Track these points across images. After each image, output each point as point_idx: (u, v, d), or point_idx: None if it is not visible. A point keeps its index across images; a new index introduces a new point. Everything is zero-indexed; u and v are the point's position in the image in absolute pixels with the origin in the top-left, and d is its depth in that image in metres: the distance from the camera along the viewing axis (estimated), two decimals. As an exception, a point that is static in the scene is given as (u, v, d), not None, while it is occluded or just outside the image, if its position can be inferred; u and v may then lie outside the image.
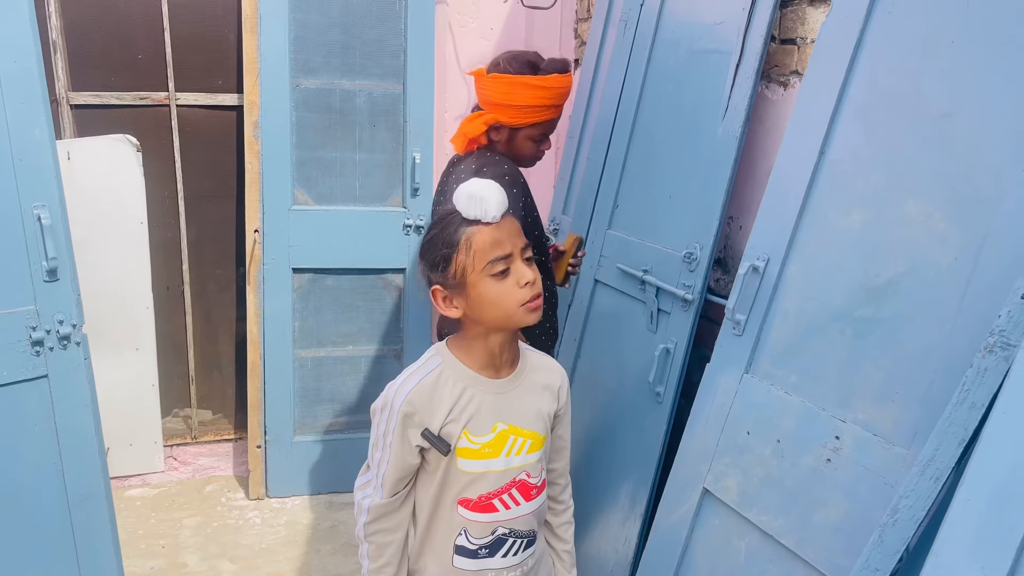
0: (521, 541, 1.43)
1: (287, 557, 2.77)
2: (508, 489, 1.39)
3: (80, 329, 1.95)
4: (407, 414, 1.33)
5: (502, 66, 1.99)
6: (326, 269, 3.06)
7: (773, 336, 1.69)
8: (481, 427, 1.36)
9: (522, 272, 1.30)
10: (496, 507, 1.39)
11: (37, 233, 1.85)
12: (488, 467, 1.37)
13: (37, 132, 1.86)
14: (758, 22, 1.94)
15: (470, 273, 1.30)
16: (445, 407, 1.34)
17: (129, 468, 3.21)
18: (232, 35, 3.05)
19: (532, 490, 1.42)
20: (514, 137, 2.03)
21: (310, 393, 3.14)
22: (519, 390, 1.41)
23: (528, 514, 1.43)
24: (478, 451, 1.35)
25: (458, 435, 1.34)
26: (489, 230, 1.29)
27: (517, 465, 1.39)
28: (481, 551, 1.40)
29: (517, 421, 1.39)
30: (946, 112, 1.39)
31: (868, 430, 1.43)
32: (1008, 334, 1.12)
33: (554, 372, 1.49)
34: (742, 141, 1.97)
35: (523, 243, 1.33)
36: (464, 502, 1.38)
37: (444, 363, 1.38)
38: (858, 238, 1.52)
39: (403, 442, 1.34)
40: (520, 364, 1.44)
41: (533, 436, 1.41)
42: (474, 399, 1.36)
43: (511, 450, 1.38)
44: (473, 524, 1.39)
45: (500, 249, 1.29)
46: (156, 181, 3.09)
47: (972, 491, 1.09)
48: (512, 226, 1.33)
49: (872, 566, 1.25)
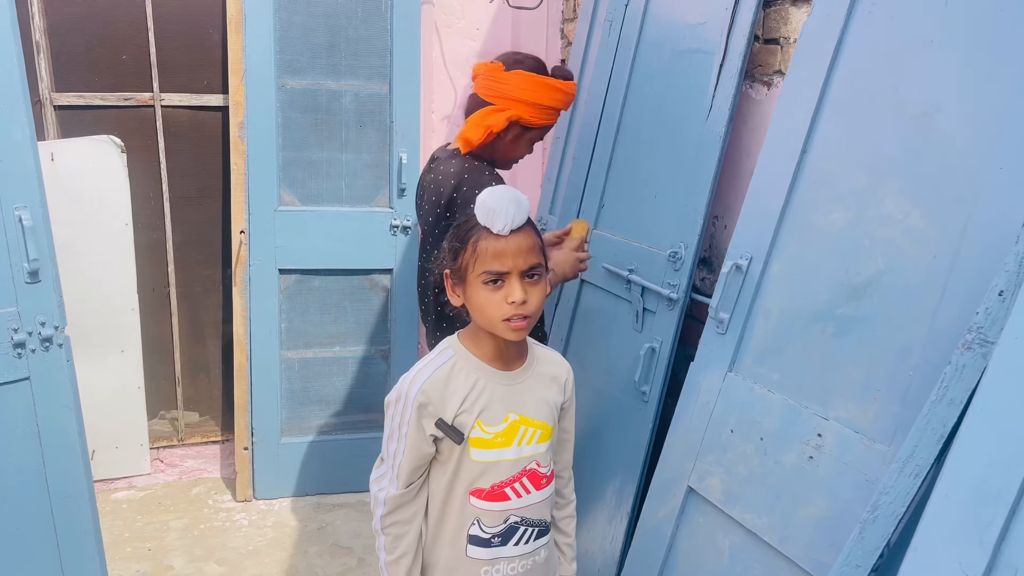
0: (532, 530, 1.47)
1: (274, 559, 2.76)
2: (519, 478, 1.43)
3: (62, 331, 1.94)
4: (422, 404, 1.36)
5: (527, 64, 1.98)
6: (313, 270, 3.05)
7: (756, 334, 1.70)
8: (493, 417, 1.40)
9: (513, 290, 1.31)
10: (508, 495, 1.42)
11: (18, 234, 1.84)
12: (500, 456, 1.41)
13: (18, 133, 1.85)
14: (741, 22, 1.95)
15: (469, 273, 1.34)
16: (458, 397, 1.38)
17: (115, 471, 3.18)
18: (217, 35, 3.04)
19: (542, 479, 1.46)
20: (520, 138, 2.02)
21: (297, 394, 3.13)
22: (529, 382, 1.45)
23: (539, 503, 1.46)
24: (490, 440, 1.39)
25: (471, 424, 1.38)
26: (495, 241, 1.31)
27: (528, 455, 1.43)
28: (494, 540, 1.43)
29: (528, 412, 1.43)
30: (925, 111, 1.40)
31: (849, 427, 1.44)
32: (986, 331, 1.13)
33: (560, 365, 1.53)
34: (726, 140, 1.98)
35: (531, 263, 1.33)
36: (477, 492, 1.41)
37: (456, 355, 1.42)
38: (839, 237, 1.53)
39: (418, 432, 1.37)
40: (529, 357, 1.47)
41: (543, 426, 1.45)
42: (486, 390, 1.40)
43: (522, 440, 1.42)
44: (486, 513, 1.42)
45: (498, 263, 1.31)
46: (141, 182, 3.08)
47: (950, 487, 1.10)
48: (523, 243, 1.33)
49: (853, 562, 1.26)
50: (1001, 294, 1.12)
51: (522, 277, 1.33)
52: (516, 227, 1.32)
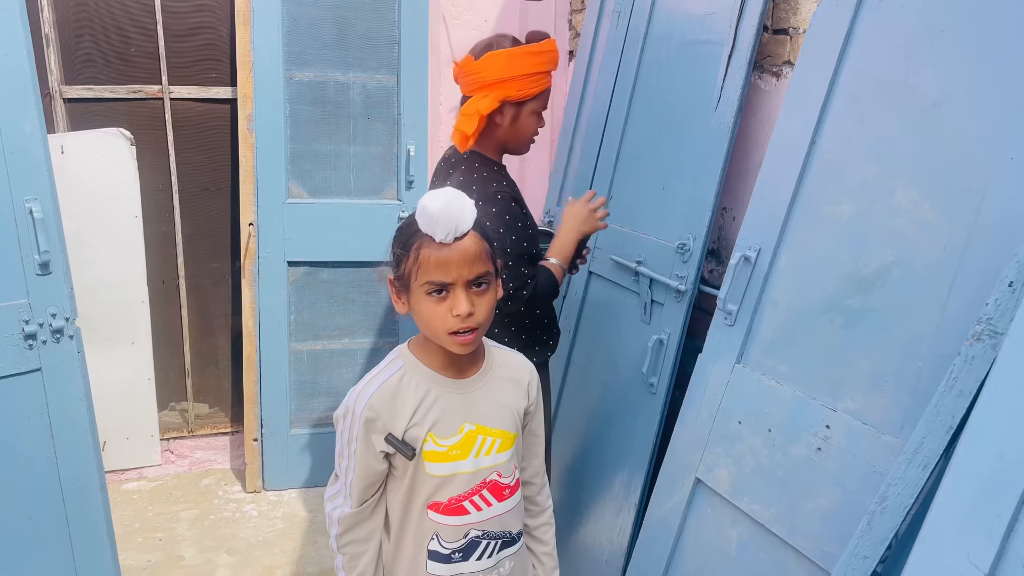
0: (495, 543, 1.40)
1: (284, 549, 2.78)
2: (479, 491, 1.36)
3: (73, 322, 1.95)
4: (369, 419, 1.29)
5: (494, 46, 1.96)
6: (321, 262, 3.06)
7: (764, 326, 1.70)
8: (447, 429, 1.32)
9: (458, 302, 1.23)
10: (467, 509, 1.35)
11: (29, 227, 1.85)
12: (456, 469, 1.33)
13: (28, 126, 1.85)
14: (750, 12, 1.94)
15: (412, 282, 1.26)
16: (408, 410, 1.30)
17: (126, 462, 3.21)
18: (225, 28, 3.05)
19: (504, 490, 1.39)
20: (519, 115, 1.94)
21: (306, 386, 3.14)
22: (486, 388, 1.37)
23: (502, 514, 1.39)
24: (445, 453, 1.32)
25: (423, 438, 1.30)
26: (438, 250, 1.22)
27: (487, 466, 1.36)
28: (455, 555, 1.36)
29: (485, 420, 1.35)
30: (936, 102, 1.39)
31: (858, 419, 1.44)
32: (995, 322, 1.13)
33: (522, 367, 1.45)
34: (735, 132, 1.97)
35: (477, 272, 1.24)
36: (434, 506, 1.34)
37: (406, 365, 1.34)
38: (848, 228, 1.52)
39: (367, 448, 1.31)
40: (485, 362, 1.39)
41: (502, 435, 1.37)
42: (439, 400, 1.32)
43: (480, 450, 1.35)
44: (444, 528, 1.35)
45: (441, 274, 1.23)
46: (150, 175, 3.09)
47: (959, 478, 1.09)
48: (468, 251, 1.23)
49: (861, 553, 1.26)
50: (1011, 285, 1.11)
51: (468, 287, 1.24)
52: (460, 235, 1.23)
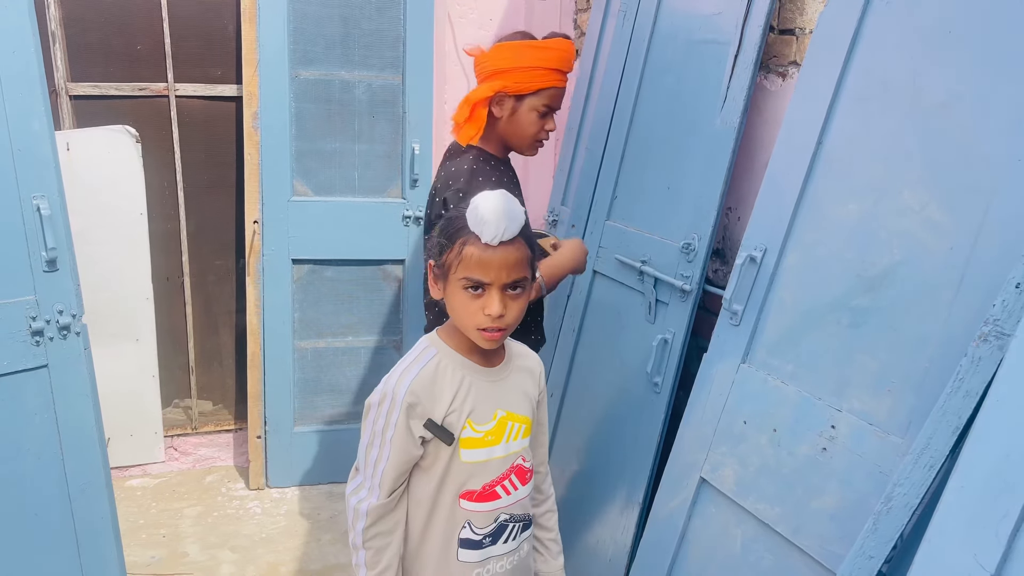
0: (518, 525, 1.46)
1: (287, 547, 2.79)
2: (509, 475, 1.42)
3: (80, 319, 1.96)
4: (411, 404, 1.32)
5: (510, 38, 1.96)
6: (326, 260, 3.06)
7: (770, 326, 1.70)
8: (483, 415, 1.37)
9: (491, 302, 1.27)
10: (499, 494, 1.41)
11: (36, 224, 1.86)
12: (491, 455, 1.39)
13: (36, 123, 1.86)
14: (756, 12, 1.94)
15: (452, 273, 1.30)
16: (447, 397, 1.34)
17: (130, 458, 3.22)
18: (231, 25, 3.05)
19: (527, 473, 1.45)
20: (518, 109, 1.91)
21: (310, 384, 3.14)
22: (511, 377, 1.44)
23: (524, 498, 1.46)
24: (481, 439, 1.37)
25: (462, 425, 1.35)
26: (482, 250, 1.26)
27: (516, 450, 1.42)
28: (485, 540, 1.41)
29: (513, 407, 1.42)
30: (943, 103, 1.39)
31: (863, 419, 1.44)
32: (1002, 323, 1.13)
33: (532, 358, 1.52)
34: (740, 132, 1.97)
35: (514, 277, 1.28)
36: (467, 494, 1.38)
37: (440, 353, 1.38)
38: (855, 228, 1.53)
39: (407, 434, 1.32)
40: (507, 351, 1.46)
41: (526, 421, 1.44)
42: (474, 387, 1.37)
43: (510, 436, 1.41)
44: (476, 515, 1.39)
45: (481, 273, 1.26)
46: (155, 172, 3.09)
47: (965, 479, 1.09)
48: (510, 256, 1.27)
49: (866, 553, 1.26)
50: (1018, 286, 1.12)
51: (504, 290, 1.28)
52: (506, 239, 1.26)
